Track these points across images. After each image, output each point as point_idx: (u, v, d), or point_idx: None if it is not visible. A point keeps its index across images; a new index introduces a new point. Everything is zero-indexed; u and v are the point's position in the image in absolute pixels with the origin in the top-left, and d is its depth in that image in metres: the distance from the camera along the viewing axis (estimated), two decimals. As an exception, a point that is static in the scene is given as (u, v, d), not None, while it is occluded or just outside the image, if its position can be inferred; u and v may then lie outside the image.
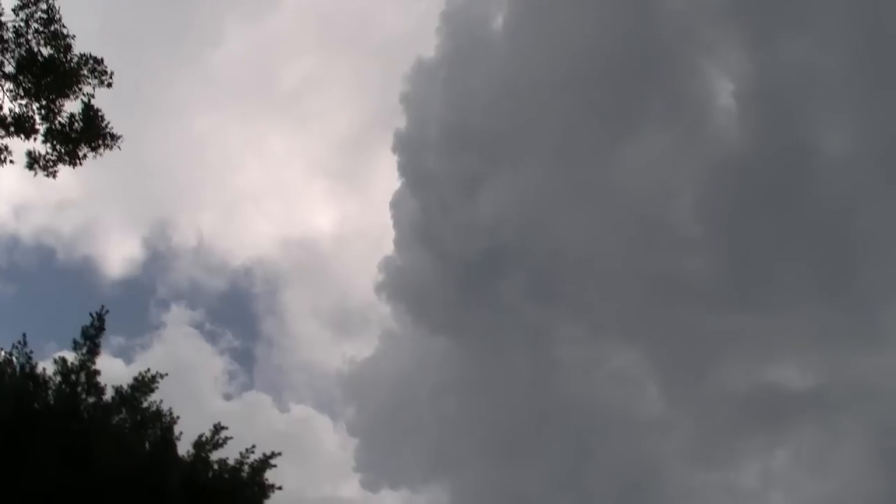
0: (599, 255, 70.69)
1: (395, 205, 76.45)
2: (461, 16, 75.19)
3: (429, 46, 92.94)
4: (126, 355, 65.96)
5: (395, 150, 75.36)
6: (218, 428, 20.87)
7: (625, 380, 70.25)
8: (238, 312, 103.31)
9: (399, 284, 76.47)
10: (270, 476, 21.02)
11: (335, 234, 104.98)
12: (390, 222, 79.05)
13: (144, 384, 20.27)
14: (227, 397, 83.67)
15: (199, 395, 68.52)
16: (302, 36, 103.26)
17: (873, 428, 61.31)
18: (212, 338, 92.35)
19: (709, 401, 66.67)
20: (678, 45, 71.28)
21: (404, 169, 75.10)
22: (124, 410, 20.19)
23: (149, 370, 20.62)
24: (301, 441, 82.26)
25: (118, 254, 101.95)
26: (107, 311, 20.33)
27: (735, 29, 69.17)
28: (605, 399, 68.61)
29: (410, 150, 74.07)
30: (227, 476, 20.33)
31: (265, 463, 20.69)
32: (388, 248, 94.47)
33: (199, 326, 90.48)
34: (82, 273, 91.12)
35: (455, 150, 72.88)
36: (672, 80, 71.98)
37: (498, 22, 76.28)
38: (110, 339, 72.40)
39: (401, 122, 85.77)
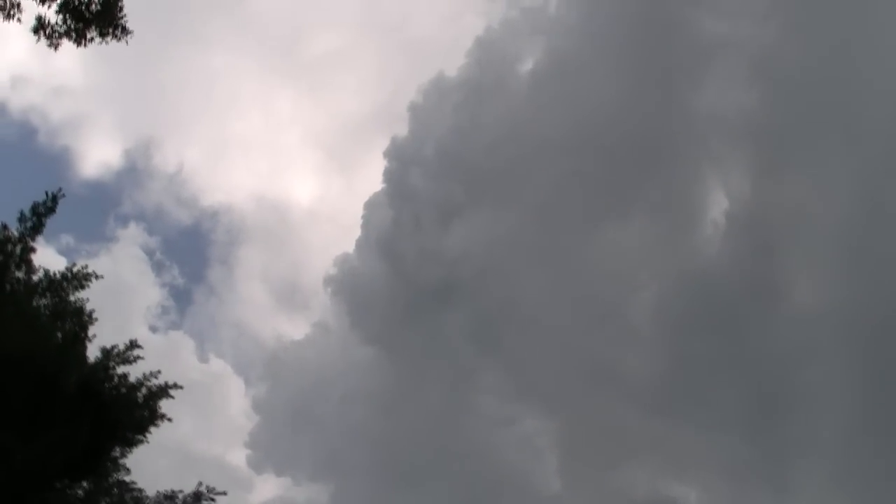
0: (548, 320, 71.39)
1: (370, 206, 77.21)
2: (494, 47, 76.43)
3: (453, 65, 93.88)
4: (70, 256, 65.69)
5: (386, 154, 76.33)
6: (133, 344, 21.09)
7: (531, 446, 70.63)
8: (191, 251, 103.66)
9: (348, 284, 77.07)
10: (165, 406, 21.39)
11: (309, 209, 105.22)
12: (360, 221, 79.56)
13: (76, 277, 20.56)
14: (153, 329, 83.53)
15: (125, 318, 68.70)
16: (342, 10, 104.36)
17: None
18: (158, 268, 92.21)
19: (605, 494, 67.27)
20: (690, 144, 73.06)
21: (389, 176, 75.81)
22: (49, 296, 20.57)
23: (86, 266, 20.97)
24: (209, 394, 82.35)
25: (97, 155, 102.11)
26: (63, 195, 20.66)
27: (745, 151, 71.14)
28: (506, 457, 69.18)
29: (401, 160, 74.91)
30: (123, 391, 20.68)
31: (164, 391, 20.95)
32: (350, 244, 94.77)
33: (149, 252, 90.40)
34: (56, 162, 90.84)
35: (443, 175, 73.78)
36: (674, 176, 73.46)
37: (527, 65, 77.50)
38: (60, 238, 72.88)
39: (402, 129, 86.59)
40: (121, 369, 20.99)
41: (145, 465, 23.07)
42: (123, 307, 73.20)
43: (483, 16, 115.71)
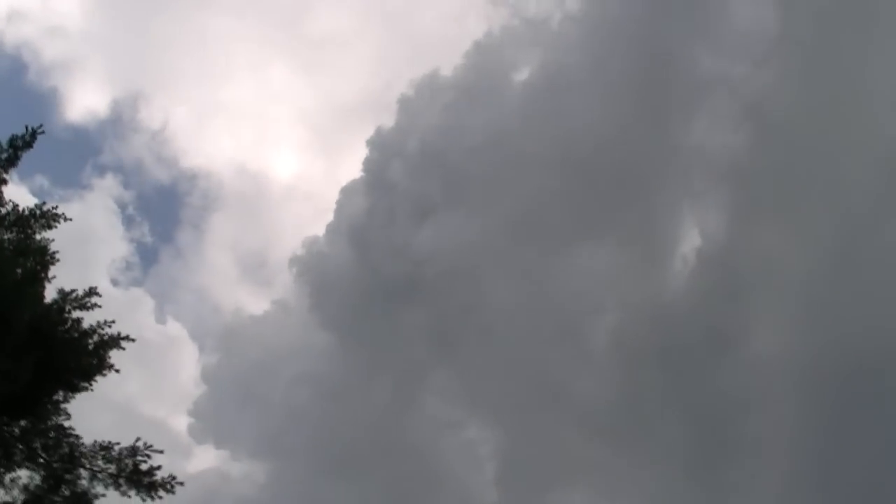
0: (506, 331, 71.59)
1: (346, 192, 77.59)
2: (492, 53, 76.96)
3: (450, 65, 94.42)
4: (42, 198, 65.26)
5: (369, 143, 76.41)
6: (92, 291, 21.14)
7: (472, 454, 70.98)
8: (164, 211, 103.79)
9: (314, 267, 77.23)
10: (115, 358, 21.33)
11: (287, 186, 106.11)
12: (334, 206, 79.72)
13: (45, 216, 20.58)
14: (114, 282, 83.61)
15: (88, 267, 68.33)
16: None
17: None
18: (128, 222, 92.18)
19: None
20: (672, 177, 73.61)
21: (369, 165, 76.06)
22: (14, 231, 20.53)
23: (56, 207, 20.97)
24: (161, 356, 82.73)
25: (84, 101, 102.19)
26: (42, 132, 20.59)
27: (725, 191, 71.68)
28: (446, 460, 69.46)
29: (383, 151, 75.15)
30: (74, 335, 20.66)
31: (115, 341, 20.93)
32: (321, 227, 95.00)
33: (122, 206, 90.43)
34: (43, 101, 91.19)
35: (423, 172, 74.01)
36: (652, 206, 73.92)
37: (521, 75, 78.01)
38: (34, 178, 72.53)
39: (389, 120, 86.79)
40: (76, 314, 21.04)
41: (87, 415, 23.00)
42: (88, 256, 72.95)
43: (486, 20, 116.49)
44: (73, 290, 21.02)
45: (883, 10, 63.45)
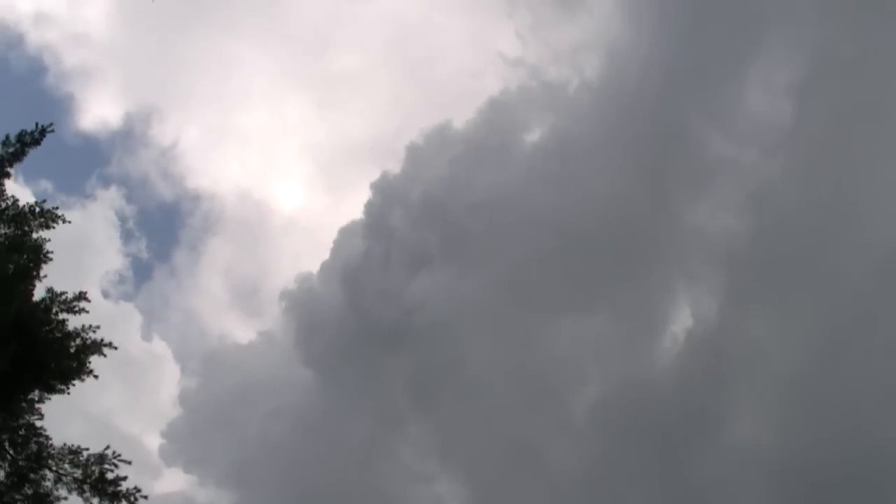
0: (488, 391, 71.33)
1: (345, 233, 77.97)
2: (505, 111, 77.88)
3: (462, 118, 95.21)
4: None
5: (373, 186, 76.93)
6: (81, 296, 21.15)
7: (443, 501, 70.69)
8: (164, 228, 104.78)
9: (304, 303, 77.53)
10: (96, 364, 21.32)
11: (288, 218, 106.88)
12: (331, 245, 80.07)
13: (43, 215, 20.73)
14: (105, 294, 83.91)
15: (81, 275, 68.51)
16: (372, 34, 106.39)
17: None
18: (127, 236, 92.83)
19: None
20: (671, 255, 74.08)
21: (371, 209, 76.53)
22: (11, 227, 20.66)
23: (56, 207, 21.06)
24: (142, 372, 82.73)
25: (98, 111, 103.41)
26: (52, 130, 20.70)
27: (721, 275, 71.95)
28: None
29: (386, 196, 75.68)
30: (58, 336, 20.71)
31: (98, 347, 20.92)
32: (316, 263, 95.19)
33: (122, 219, 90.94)
34: (58, 106, 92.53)
35: (423, 223, 74.50)
36: (647, 282, 74.32)
37: (532, 136, 78.77)
38: (39, 181, 72.92)
39: (395, 166, 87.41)
40: (63, 316, 21.02)
41: (61, 419, 23.06)
42: (82, 265, 73.17)
43: (503, 78, 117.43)
44: (62, 293, 21.03)
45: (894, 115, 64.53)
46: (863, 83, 66.34)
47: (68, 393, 21.19)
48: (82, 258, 74.61)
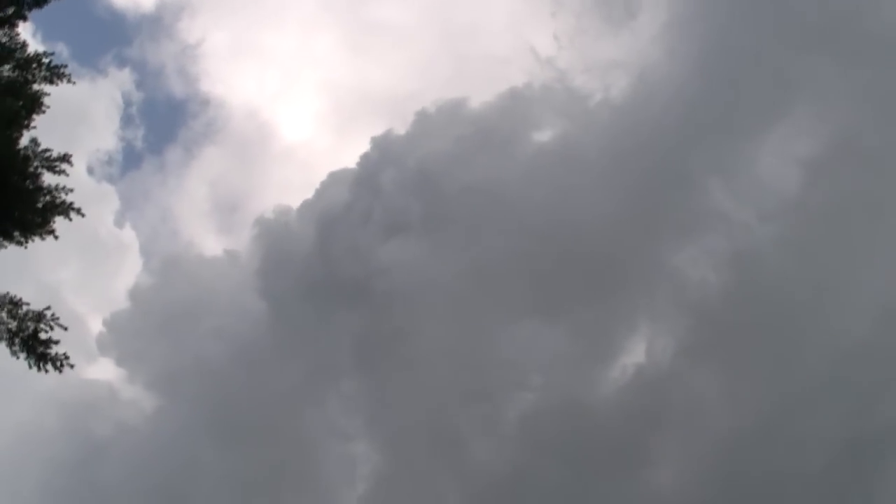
0: (429, 370, 71.82)
1: (333, 178, 78.53)
2: (522, 104, 78.14)
3: (480, 98, 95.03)
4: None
5: (373, 141, 77.28)
6: (65, 157, 21.12)
7: (350, 467, 71.71)
8: (165, 124, 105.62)
9: (275, 235, 78.28)
10: (60, 227, 21.32)
11: (288, 146, 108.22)
12: (318, 186, 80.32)
13: (49, 68, 20.71)
14: (90, 171, 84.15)
15: (70, 145, 68.01)
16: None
17: None
18: (126, 121, 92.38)
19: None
20: (642, 289, 74.83)
21: (364, 162, 76.87)
22: (15, 71, 20.62)
23: (66, 66, 20.96)
24: (104, 257, 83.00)
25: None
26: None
27: (684, 322, 72.16)
28: (323, 464, 70.09)
29: (383, 155, 75.92)
30: (29, 187, 20.76)
31: (66, 209, 20.89)
32: (298, 200, 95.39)
33: (127, 103, 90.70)
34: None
35: (412, 190, 74.68)
36: (613, 310, 74.99)
37: (542, 135, 79.12)
38: (55, 44, 72.65)
39: (401, 127, 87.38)
40: (41, 172, 20.95)
41: (10, 274, 23.14)
42: (75, 135, 73.28)
43: (529, 74, 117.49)
44: (47, 149, 21.00)
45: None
46: (875, 175, 67.00)
47: (25, 247, 21.24)
48: (77, 129, 74.75)
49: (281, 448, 69.13)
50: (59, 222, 21.44)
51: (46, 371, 20.53)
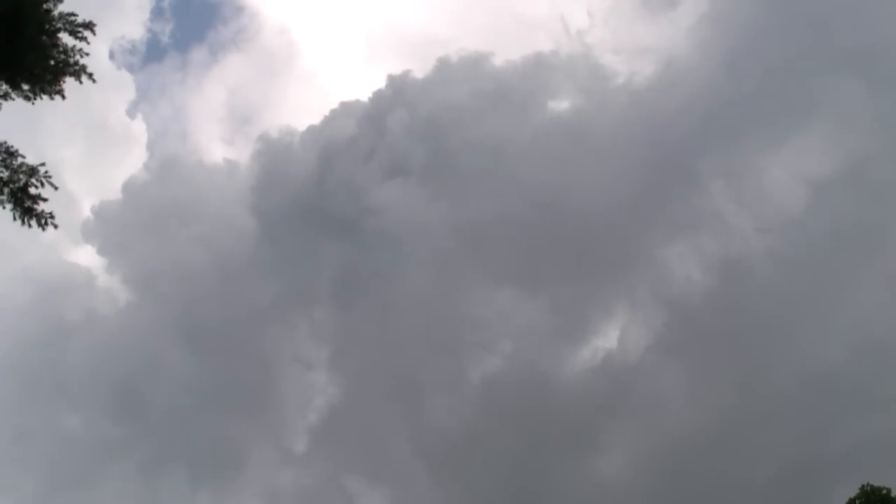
0: (403, 317, 72.44)
1: (344, 108, 78.96)
2: (545, 72, 79.02)
3: (503, 57, 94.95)
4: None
5: (389, 79, 78.02)
6: (89, 25, 21.01)
7: (304, 395, 73.18)
8: (196, 23, 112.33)
9: (276, 155, 78.79)
10: (71, 100, 21.55)
11: (311, 70, 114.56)
12: (328, 113, 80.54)
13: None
14: (111, 55, 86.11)
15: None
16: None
17: None
18: (157, 13, 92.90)
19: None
20: (626, 281, 75.40)
21: (377, 99, 77.28)
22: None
23: None
24: (110, 144, 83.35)
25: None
26: None
27: (659, 318, 72.73)
28: (279, 386, 71.60)
29: (397, 95, 76.38)
30: (45, 42, 20.60)
31: (78, 71, 20.94)
32: (306, 123, 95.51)
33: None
34: None
35: (419, 138, 74.93)
36: (594, 293, 75.68)
37: (558, 105, 79.39)
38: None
39: (420, 71, 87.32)
40: (61, 35, 20.92)
41: (13, 134, 23.30)
42: (103, 17, 72.61)
43: (557, 42, 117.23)
44: (72, 13, 20.89)
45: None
46: (877, 207, 67.23)
47: (33, 102, 21.25)
48: (107, 10, 74.31)
49: (243, 363, 70.01)
50: (70, 98, 21.60)
51: (30, 226, 20.68)
